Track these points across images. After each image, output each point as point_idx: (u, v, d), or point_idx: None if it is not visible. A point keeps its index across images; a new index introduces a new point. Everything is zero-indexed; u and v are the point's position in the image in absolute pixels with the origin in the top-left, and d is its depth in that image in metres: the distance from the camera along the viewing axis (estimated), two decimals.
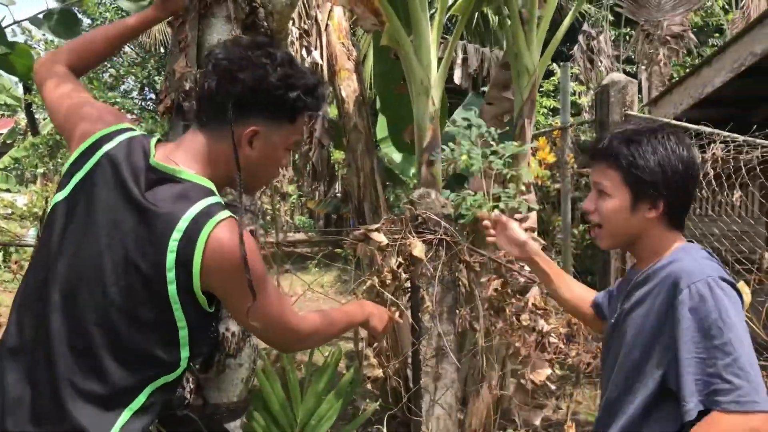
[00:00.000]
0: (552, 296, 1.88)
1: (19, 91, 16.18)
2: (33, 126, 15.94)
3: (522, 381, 3.38)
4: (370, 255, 2.12)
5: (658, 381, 1.32)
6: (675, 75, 10.64)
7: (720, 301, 1.25)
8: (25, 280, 1.30)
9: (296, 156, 5.26)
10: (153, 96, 18.26)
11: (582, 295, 1.74)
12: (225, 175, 1.31)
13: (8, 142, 14.59)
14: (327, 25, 4.67)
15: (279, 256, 2.07)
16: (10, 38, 2.40)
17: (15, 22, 2.57)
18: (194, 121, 1.33)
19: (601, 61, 11.47)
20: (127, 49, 16.70)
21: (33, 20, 2.57)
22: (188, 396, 1.69)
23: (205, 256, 1.18)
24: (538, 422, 3.03)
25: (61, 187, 1.30)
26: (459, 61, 5.24)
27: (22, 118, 17.24)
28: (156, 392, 1.24)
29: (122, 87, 18.32)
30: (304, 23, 4.88)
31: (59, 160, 14.87)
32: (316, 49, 4.72)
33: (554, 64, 10.44)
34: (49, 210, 1.32)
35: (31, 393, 1.20)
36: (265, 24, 1.76)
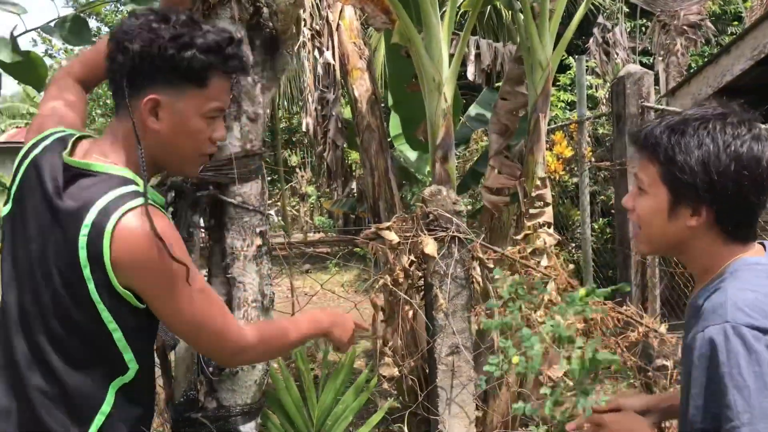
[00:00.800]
0: None
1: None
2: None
3: (541, 378, 3.35)
4: (383, 254, 2.11)
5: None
6: (693, 65, 10.50)
7: (733, 356, 1.04)
8: None
9: (312, 156, 5.26)
10: None
11: None
12: (151, 157, 1.23)
13: None
14: (338, 24, 4.67)
15: (292, 257, 2.06)
16: (30, 47, 2.43)
17: (27, 31, 2.60)
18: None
19: (618, 54, 11.33)
20: None
21: (45, 28, 2.59)
22: (201, 398, 1.69)
23: (114, 247, 1.12)
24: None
25: (6, 201, 1.29)
26: (472, 56, 5.20)
27: None
28: (120, 393, 1.22)
29: None
30: (316, 24, 4.88)
31: None
32: (328, 49, 4.72)
33: (570, 58, 10.35)
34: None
35: (16, 405, 1.20)
36: (270, 24, 1.76)
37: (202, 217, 1.74)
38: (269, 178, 17.20)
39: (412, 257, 2.03)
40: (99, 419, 1.19)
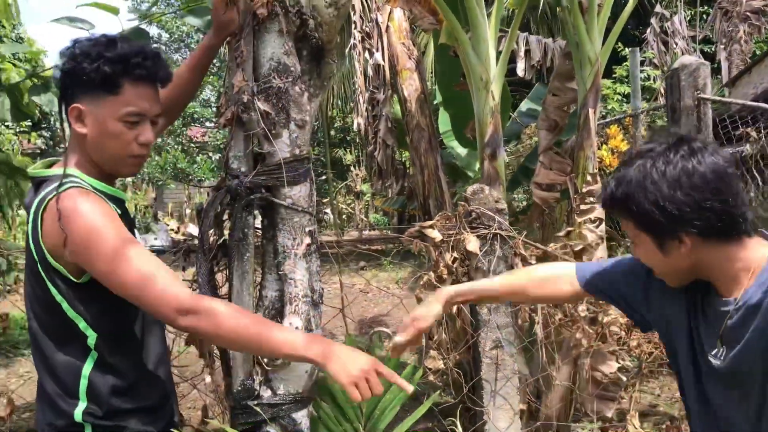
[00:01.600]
0: (529, 301, 1.74)
1: None
2: None
3: (594, 374, 3.37)
4: (427, 251, 2.19)
5: None
6: (757, 52, 10.13)
7: None
8: None
9: (364, 155, 5.38)
10: None
11: (550, 274, 1.56)
12: (90, 159, 1.44)
13: None
14: (387, 26, 4.75)
15: (340, 254, 2.16)
16: None
17: (72, 40, 2.77)
18: None
19: (677, 43, 11.01)
20: None
21: (88, 37, 2.78)
22: (257, 387, 1.81)
23: (44, 226, 1.34)
24: (610, 414, 3.02)
25: None
26: (522, 53, 5.20)
27: None
28: (97, 363, 1.41)
29: (201, 96, 19.09)
30: (366, 26, 4.98)
31: (145, 170, 15.65)
32: (377, 50, 4.81)
33: (627, 50, 10.16)
34: None
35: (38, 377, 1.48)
36: (316, 35, 1.86)
37: (255, 218, 1.86)
38: (323, 177, 17.48)
39: (455, 254, 2.10)
40: (83, 384, 1.39)
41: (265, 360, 1.80)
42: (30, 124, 13.26)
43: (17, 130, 13.05)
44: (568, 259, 2.27)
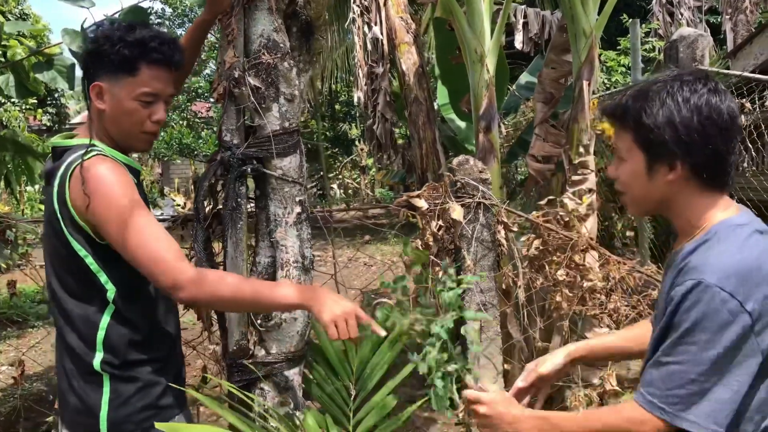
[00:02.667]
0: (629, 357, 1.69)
1: None
2: None
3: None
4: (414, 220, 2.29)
5: None
6: (763, 23, 10.03)
7: (694, 310, 1.14)
8: None
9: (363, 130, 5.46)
10: None
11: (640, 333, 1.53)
12: (107, 133, 1.58)
13: None
14: (386, 0, 4.80)
15: (331, 226, 2.26)
16: None
17: (95, 23, 2.85)
18: None
19: (682, 14, 10.93)
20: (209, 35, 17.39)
21: (110, 20, 2.85)
22: (251, 347, 1.93)
23: (71, 188, 1.46)
24: (596, 381, 3.13)
25: None
26: (520, 25, 5.24)
27: None
28: (115, 315, 1.53)
29: (206, 71, 19.08)
30: (364, 0, 5.02)
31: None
32: (376, 24, 4.86)
33: (637, 20, 10.11)
34: None
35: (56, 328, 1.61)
36: (304, 12, 1.94)
37: (248, 188, 1.96)
38: (328, 152, 17.52)
39: (440, 222, 2.20)
40: (100, 335, 1.52)
41: (259, 321, 1.91)
42: (36, 101, 13.35)
43: (23, 107, 13.16)
44: (548, 227, 2.36)
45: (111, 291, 1.52)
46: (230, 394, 1.81)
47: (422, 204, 2.22)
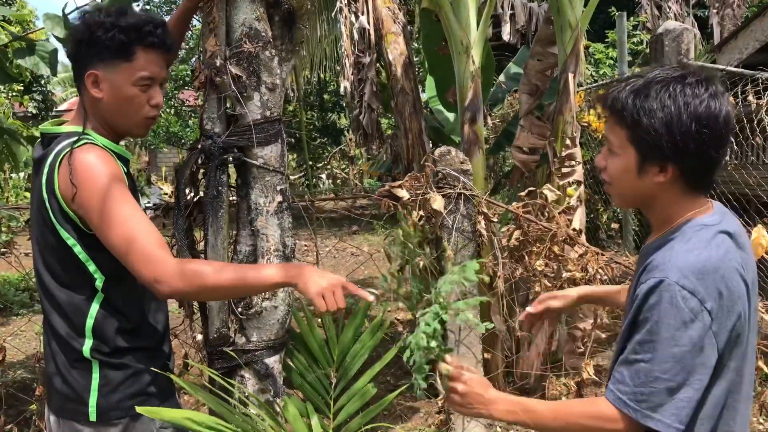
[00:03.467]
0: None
1: None
2: None
3: (573, 331, 3.52)
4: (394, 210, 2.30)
5: None
6: (749, 18, 10.10)
7: (657, 308, 1.17)
8: None
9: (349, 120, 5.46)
10: None
11: None
12: (102, 121, 1.57)
13: None
14: None
15: (313, 216, 2.27)
16: None
17: (77, 8, 2.83)
18: None
19: (670, 7, 10.98)
20: (196, 22, 17.26)
21: (95, 7, 2.84)
22: (232, 335, 1.94)
23: (59, 178, 1.46)
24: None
25: None
26: (507, 17, 5.25)
27: None
28: (104, 304, 1.54)
29: (193, 60, 18.94)
30: None
31: None
32: (363, 14, 4.85)
33: (623, 13, 10.15)
34: None
35: (44, 315, 1.61)
36: (287, 2, 1.94)
37: (229, 177, 1.97)
38: (318, 142, 17.46)
39: (421, 212, 2.22)
40: (89, 323, 1.53)
41: (239, 309, 1.93)
42: (21, 88, 13.20)
43: (9, 94, 13.01)
44: (528, 218, 2.39)
45: (99, 280, 1.53)
46: (211, 381, 1.83)
47: (403, 194, 2.23)
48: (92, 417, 1.52)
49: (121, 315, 1.56)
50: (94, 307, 1.53)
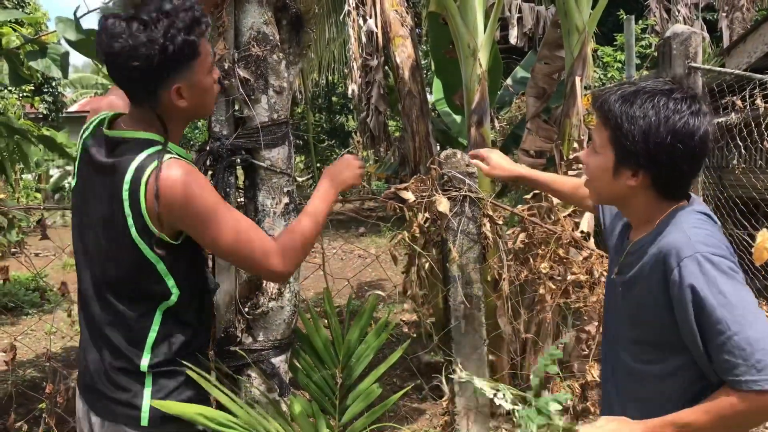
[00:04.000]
0: (557, 197, 2.03)
1: None
2: None
3: (580, 334, 3.52)
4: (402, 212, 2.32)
5: (671, 352, 1.32)
6: (758, 21, 10.07)
7: (711, 278, 1.21)
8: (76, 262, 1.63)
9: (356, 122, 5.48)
10: None
11: (577, 182, 1.81)
12: (176, 124, 1.54)
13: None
14: None
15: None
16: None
17: (89, 11, 2.87)
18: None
19: (679, 11, 10.96)
20: None
21: (105, 10, 2.87)
22: (239, 334, 1.96)
23: (147, 197, 1.42)
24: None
25: (73, 176, 1.63)
26: (514, 20, 5.27)
27: None
28: (167, 316, 1.54)
29: None
30: None
31: None
32: (370, 17, 4.88)
33: (631, 17, 10.13)
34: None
35: (88, 332, 1.60)
36: (294, 6, 1.97)
37: (237, 178, 1.99)
38: (324, 144, 17.51)
39: (427, 215, 2.24)
40: (150, 338, 1.52)
41: (246, 309, 1.95)
42: (32, 89, 13.31)
43: (20, 95, 13.12)
44: (533, 220, 2.40)
45: (175, 295, 1.53)
46: (219, 379, 1.85)
47: (409, 196, 2.25)
48: (143, 422, 1.52)
49: (185, 326, 1.58)
50: (158, 320, 1.53)
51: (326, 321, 2.24)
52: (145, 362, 1.53)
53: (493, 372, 2.55)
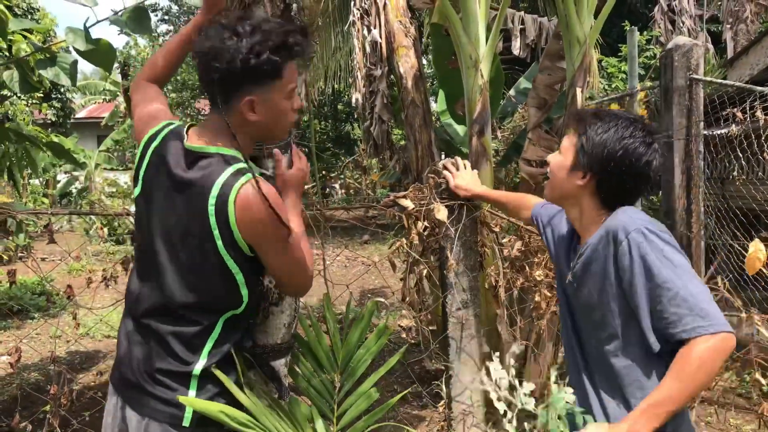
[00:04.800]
0: (503, 212, 2.32)
1: (119, 77, 17.32)
2: (130, 109, 17.03)
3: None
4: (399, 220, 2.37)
5: (626, 328, 1.48)
6: (761, 33, 10.11)
7: (656, 246, 1.40)
8: (135, 269, 1.71)
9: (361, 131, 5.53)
10: None
11: (520, 202, 2.14)
12: (246, 141, 1.59)
13: (110, 124, 15.70)
14: (385, 4, 4.88)
15: (323, 226, 2.35)
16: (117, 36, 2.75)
17: (98, 21, 2.93)
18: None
19: (683, 22, 11.02)
20: None
21: (114, 20, 2.93)
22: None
23: (237, 212, 1.48)
24: None
25: (135, 183, 1.67)
26: (517, 31, 5.32)
27: (121, 101, 18.48)
28: (228, 322, 1.61)
29: None
30: (364, 3, 5.10)
31: None
32: (375, 27, 4.94)
33: (635, 28, 10.19)
34: (135, 205, 1.70)
35: (141, 341, 1.66)
36: (299, 18, 2.02)
37: None
38: (330, 152, 17.57)
39: (425, 223, 2.29)
40: (209, 344, 1.59)
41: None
42: (41, 95, 13.43)
43: (29, 101, 13.24)
44: (532, 230, 2.44)
45: (245, 303, 1.62)
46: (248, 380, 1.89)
47: (408, 204, 2.30)
48: (186, 422, 1.57)
49: (238, 331, 1.67)
50: (219, 327, 1.60)
51: (325, 326, 2.29)
52: (199, 365, 1.58)
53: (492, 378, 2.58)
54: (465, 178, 2.32)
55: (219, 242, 1.51)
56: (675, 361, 1.36)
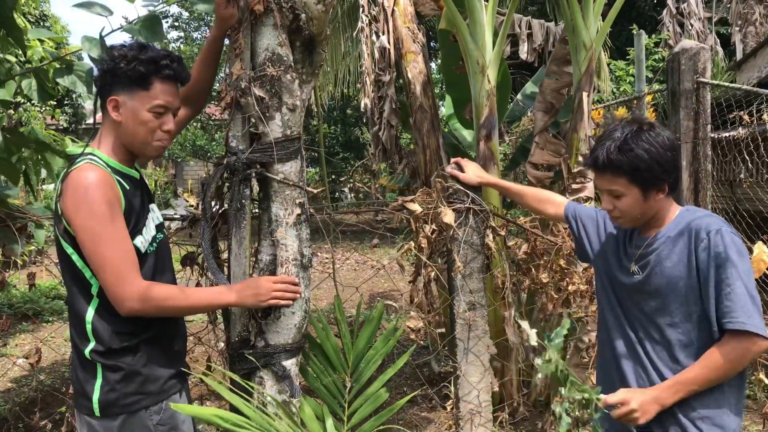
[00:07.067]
0: (523, 206, 2.32)
1: None
2: None
3: (578, 343, 3.59)
4: (408, 223, 2.42)
5: (699, 314, 1.66)
6: None
7: (729, 246, 1.61)
8: None
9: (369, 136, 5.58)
10: None
11: (539, 195, 2.22)
12: (119, 143, 1.78)
13: None
14: (393, 10, 4.93)
15: (331, 228, 2.41)
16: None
17: (113, 30, 3.00)
18: None
19: (692, 25, 11.00)
20: None
21: (128, 29, 3.00)
22: (252, 338, 2.07)
23: (63, 194, 1.67)
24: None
25: None
26: (524, 36, 5.36)
27: None
28: (98, 308, 1.72)
29: (219, 77, 19.27)
30: (373, 10, 5.16)
31: None
32: (383, 33, 4.99)
33: (642, 32, 10.19)
34: None
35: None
36: (307, 28, 2.08)
37: (252, 191, 2.10)
38: (339, 157, 17.64)
39: (433, 226, 2.33)
40: (88, 328, 1.72)
41: (259, 314, 2.05)
42: (54, 102, 13.58)
43: (41, 107, 13.39)
44: (534, 232, 2.49)
45: (95, 285, 1.72)
46: (233, 382, 1.95)
47: (416, 208, 2.35)
48: (96, 412, 1.72)
49: (114, 318, 1.73)
50: (90, 311, 1.72)
51: (336, 328, 2.34)
52: (88, 348, 1.75)
53: (500, 378, 2.63)
54: (473, 169, 2.43)
55: (57, 228, 1.72)
56: (710, 350, 1.60)
